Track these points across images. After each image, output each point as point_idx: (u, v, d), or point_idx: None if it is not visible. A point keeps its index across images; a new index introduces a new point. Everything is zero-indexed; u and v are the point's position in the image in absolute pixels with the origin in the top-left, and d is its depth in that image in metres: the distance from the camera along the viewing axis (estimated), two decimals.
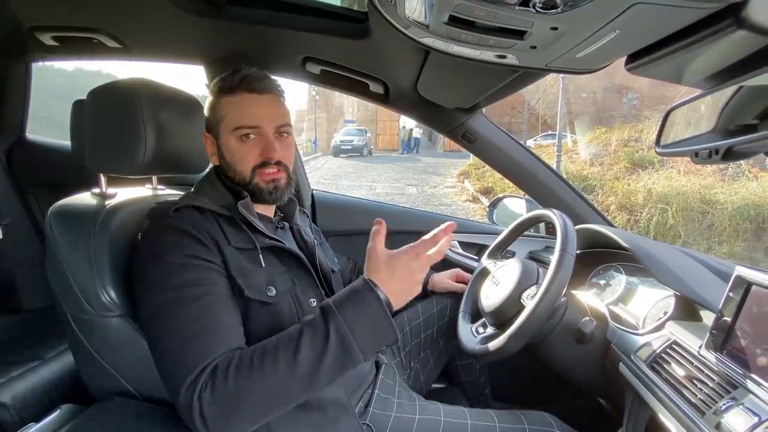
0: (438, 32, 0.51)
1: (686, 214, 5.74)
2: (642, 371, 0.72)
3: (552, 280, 0.78)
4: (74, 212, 0.78)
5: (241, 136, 0.76)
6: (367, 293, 0.64)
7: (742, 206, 5.41)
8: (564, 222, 0.86)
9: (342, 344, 0.60)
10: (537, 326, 0.78)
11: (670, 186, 6.20)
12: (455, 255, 1.41)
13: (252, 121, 0.76)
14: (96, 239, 0.73)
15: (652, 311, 0.87)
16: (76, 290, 0.71)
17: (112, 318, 0.72)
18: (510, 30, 0.46)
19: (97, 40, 1.07)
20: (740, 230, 5.36)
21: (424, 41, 0.56)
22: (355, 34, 0.87)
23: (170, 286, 0.64)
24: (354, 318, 0.62)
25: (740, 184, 5.85)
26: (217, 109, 0.78)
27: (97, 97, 0.80)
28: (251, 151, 0.77)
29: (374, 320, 0.63)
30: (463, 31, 0.48)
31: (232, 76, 0.77)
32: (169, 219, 0.70)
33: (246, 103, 0.76)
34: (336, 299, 0.65)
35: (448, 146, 18.64)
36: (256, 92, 0.76)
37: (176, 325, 0.62)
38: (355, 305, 0.63)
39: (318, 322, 0.62)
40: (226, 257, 0.70)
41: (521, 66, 0.58)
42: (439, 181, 10.37)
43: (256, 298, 0.71)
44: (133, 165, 0.79)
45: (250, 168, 0.77)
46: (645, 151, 7.92)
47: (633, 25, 0.40)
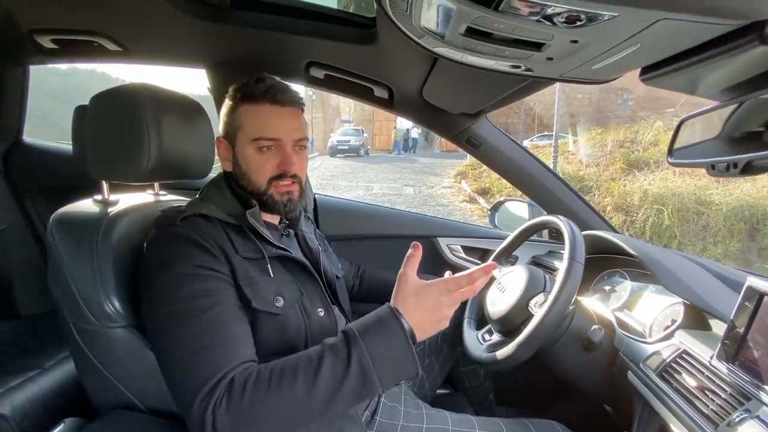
0: (453, 42, 0.50)
1: (682, 215, 5.78)
2: (652, 380, 0.71)
3: (561, 289, 0.77)
4: (76, 220, 0.76)
5: (260, 147, 0.75)
6: (391, 322, 0.62)
7: (736, 207, 5.45)
8: (572, 229, 0.86)
9: (362, 373, 0.59)
10: (546, 335, 0.77)
11: (665, 187, 6.24)
12: (458, 260, 1.40)
13: (273, 133, 0.75)
14: (99, 248, 0.72)
15: (659, 318, 0.87)
16: (79, 300, 0.70)
17: (116, 329, 0.71)
18: (528, 42, 0.45)
19: (97, 44, 1.05)
20: (735, 231, 5.40)
21: (438, 50, 0.55)
22: (362, 40, 0.87)
23: (179, 297, 0.63)
24: (376, 347, 0.60)
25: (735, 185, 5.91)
26: (237, 117, 0.77)
27: (99, 102, 0.79)
28: (268, 162, 0.76)
29: (397, 352, 0.61)
30: (479, 42, 0.47)
31: (256, 85, 0.76)
32: (176, 228, 0.69)
33: (268, 115, 0.75)
34: (361, 325, 0.63)
35: (444, 146, 18.66)
36: (278, 104, 0.76)
37: (186, 337, 0.61)
38: (379, 334, 0.61)
39: (340, 348, 0.61)
40: (234, 267, 0.69)
41: (535, 76, 0.57)
42: (436, 181, 10.37)
43: (264, 309, 0.70)
44: (137, 172, 0.78)
45: (266, 179, 0.77)
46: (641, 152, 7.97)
47: (655, 39, 0.40)
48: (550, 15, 0.37)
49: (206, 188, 0.81)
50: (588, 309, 0.91)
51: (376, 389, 0.60)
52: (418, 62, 0.85)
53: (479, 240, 1.41)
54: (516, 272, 0.96)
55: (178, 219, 0.70)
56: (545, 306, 0.78)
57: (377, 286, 1.23)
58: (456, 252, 1.41)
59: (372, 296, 1.23)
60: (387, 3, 0.50)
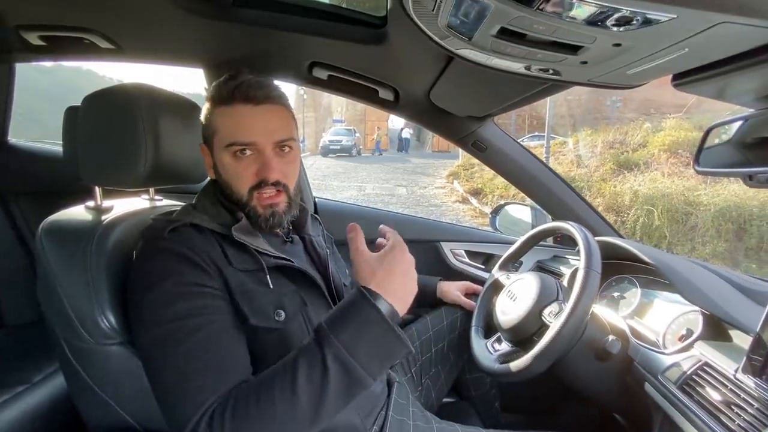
0: (480, 44, 0.47)
1: (671, 215, 5.87)
2: (672, 393, 0.69)
3: (578, 300, 0.75)
4: (68, 229, 0.72)
5: (234, 152, 0.68)
6: (363, 305, 0.56)
7: (724, 207, 5.55)
8: (586, 237, 0.84)
9: (344, 371, 0.54)
10: (564, 347, 0.75)
11: (655, 188, 6.33)
12: (462, 265, 1.38)
13: (246, 136, 0.67)
14: (93, 259, 0.67)
15: (673, 327, 0.86)
16: (71, 315, 0.66)
17: (112, 346, 0.66)
18: (565, 45, 0.42)
19: (88, 41, 1.00)
20: (722, 231, 5.50)
21: (461, 52, 0.52)
22: (370, 40, 0.83)
23: (167, 318, 0.58)
24: (353, 338, 0.55)
25: (722, 186, 6.01)
26: (211, 121, 0.71)
27: (92, 103, 0.74)
28: (246, 170, 0.69)
29: (378, 336, 0.56)
30: (510, 44, 0.44)
31: (225, 84, 0.69)
32: (163, 241, 0.64)
33: (240, 116, 0.68)
34: (330, 318, 0.57)
35: (436, 147, 18.68)
36: (251, 102, 0.68)
37: (176, 361, 0.56)
38: (352, 323, 0.56)
39: (312, 349, 0.55)
40: (228, 280, 0.64)
41: (561, 80, 0.55)
42: (429, 181, 10.37)
43: (263, 325, 0.65)
44: (133, 177, 0.73)
45: (246, 188, 0.70)
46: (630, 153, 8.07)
47: (706, 43, 0.37)
48: (599, 17, 0.34)
49: (199, 196, 0.76)
50: (601, 317, 0.89)
51: (365, 382, 0.55)
52: (429, 64, 0.82)
53: (483, 245, 1.38)
54: (526, 280, 0.94)
55: (166, 230, 0.64)
56: (562, 317, 0.76)
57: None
58: (459, 257, 1.38)
59: None
60: (410, 2, 0.47)
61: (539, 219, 1.47)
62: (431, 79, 0.89)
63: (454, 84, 0.87)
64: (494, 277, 1.11)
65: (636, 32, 0.36)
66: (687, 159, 7.10)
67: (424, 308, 1.25)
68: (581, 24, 0.36)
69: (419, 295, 1.17)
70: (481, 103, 0.96)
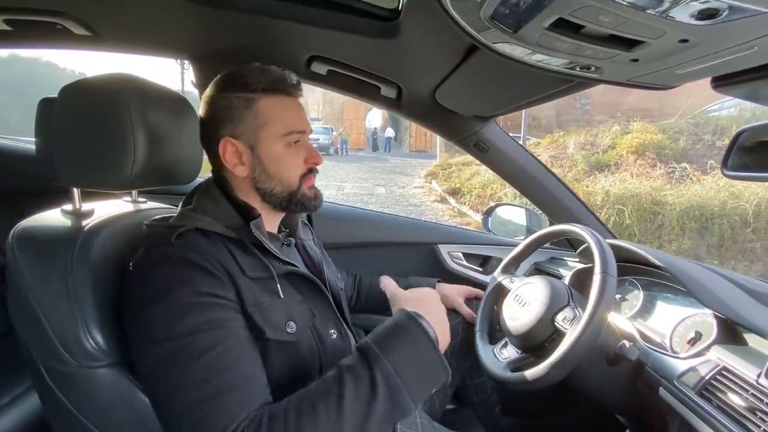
0: (526, 38, 0.44)
1: (640, 214, 6.11)
2: (690, 399, 0.69)
3: (596, 306, 0.73)
4: (44, 236, 0.63)
5: (290, 142, 0.70)
6: (414, 328, 0.56)
7: (688, 207, 5.82)
8: (599, 240, 0.82)
9: (391, 395, 0.52)
10: (582, 354, 0.73)
11: (625, 188, 6.57)
12: (459, 267, 1.35)
13: (301, 125, 0.71)
14: (75, 270, 0.59)
15: (679, 329, 0.86)
16: (50, 335, 0.58)
17: (98, 369, 0.59)
18: (623, 39, 0.39)
19: (60, 26, 0.89)
20: (686, 229, 5.77)
21: (498, 46, 0.49)
22: (379, 33, 0.78)
23: (179, 333, 0.52)
24: (402, 361, 0.53)
25: (685, 187, 6.32)
26: (260, 112, 0.68)
27: (72, 95, 0.66)
28: (297, 158, 0.71)
29: (425, 361, 0.55)
30: (562, 38, 0.41)
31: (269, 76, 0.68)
32: (171, 247, 0.58)
33: (292, 106, 0.71)
34: (378, 338, 0.56)
35: (414, 146, 18.77)
36: (293, 96, 0.71)
37: (191, 381, 0.51)
38: (401, 344, 0.55)
39: (361, 370, 0.53)
40: (241, 290, 0.60)
41: (598, 79, 0.52)
42: (407, 181, 10.38)
43: (277, 338, 0.61)
44: (119, 178, 0.65)
45: (298, 176, 0.71)
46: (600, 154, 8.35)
47: None
48: (685, 7, 0.31)
49: (198, 197, 0.69)
50: (610, 321, 0.89)
51: (408, 409, 0.53)
52: (441, 60, 0.78)
53: (481, 246, 1.36)
54: (534, 284, 0.92)
55: (172, 236, 0.59)
56: (580, 323, 0.74)
57: (376, 295, 1.16)
58: (457, 259, 1.36)
59: (371, 307, 1.17)
60: None
61: (534, 220, 1.46)
62: (440, 76, 0.86)
63: (465, 82, 0.83)
64: (497, 280, 1.09)
65: (713, 27, 0.33)
66: (653, 160, 7.41)
67: None
68: (657, 16, 0.33)
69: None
70: (490, 103, 0.94)
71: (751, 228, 5.38)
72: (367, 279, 1.17)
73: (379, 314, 1.26)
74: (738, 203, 5.57)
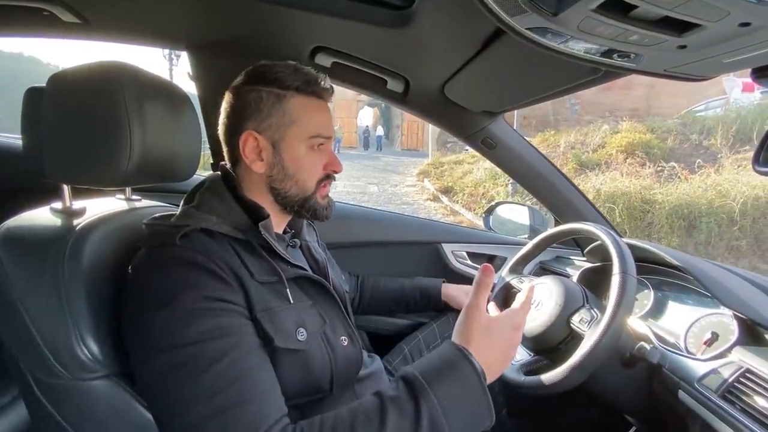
0: (566, 21, 0.40)
1: (630, 212, 6.19)
2: (713, 402, 0.67)
3: (617, 307, 0.71)
4: (32, 237, 0.58)
5: (314, 145, 0.67)
6: (463, 366, 0.52)
7: (676, 205, 5.91)
8: (615, 240, 0.80)
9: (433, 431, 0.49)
10: (603, 357, 0.71)
11: (615, 186, 6.65)
12: (464, 266, 1.33)
13: (329, 131, 0.69)
14: (67, 273, 0.55)
15: (694, 330, 0.84)
16: (40, 345, 0.53)
17: (93, 381, 0.54)
18: (676, 23, 0.36)
19: (48, 12, 0.83)
20: (675, 227, 5.86)
21: (531, 33, 0.45)
22: (390, 23, 0.74)
23: (186, 341, 0.49)
24: (448, 397, 0.50)
25: (674, 186, 6.41)
26: (289, 109, 0.65)
27: (61, 84, 0.61)
28: (318, 162, 0.69)
29: (471, 401, 0.52)
30: (607, 21, 0.38)
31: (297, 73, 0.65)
32: (175, 248, 0.54)
33: (323, 109, 0.68)
34: (426, 370, 0.53)
35: (405, 144, 18.74)
36: (325, 99, 0.69)
37: (200, 394, 0.47)
38: (449, 380, 0.51)
39: (405, 402, 0.50)
40: (250, 295, 0.56)
41: (634, 69, 0.49)
42: (400, 179, 10.36)
43: (287, 347, 0.57)
44: (114, 175, 0.61)
45: (315, 181, 0.68)
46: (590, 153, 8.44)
47: None
48: None
49: (202, 195, 0.65)
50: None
51: None
52: (454, 52, 0.75)
53: (485, 246, 1.34)
54: (547, 285, 0.89)
55: (176, 236, 0.55)
56: (600, 326, 0.71)
57: (379, 297, 1.13)
58: (461, 259, 1.33)
59: (373, 308, 1.14)
60: None
61: (537, 219, 1.44)
62: (451, 69, 0.82)
63: (478, 75, 0.80)
64: (505, 280, 1.06)
65: None
66: (642, 159, 7.50)
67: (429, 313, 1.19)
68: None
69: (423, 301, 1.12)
70: (502, 97, 0.90)
71: (737, 226, 5.48)
72: (370, 280, 1.14)
73: (382, 315, 1.23)
74: (725, 202, 5.68)
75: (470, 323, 0.56)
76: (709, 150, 7.36)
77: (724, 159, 6.61)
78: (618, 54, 0.45)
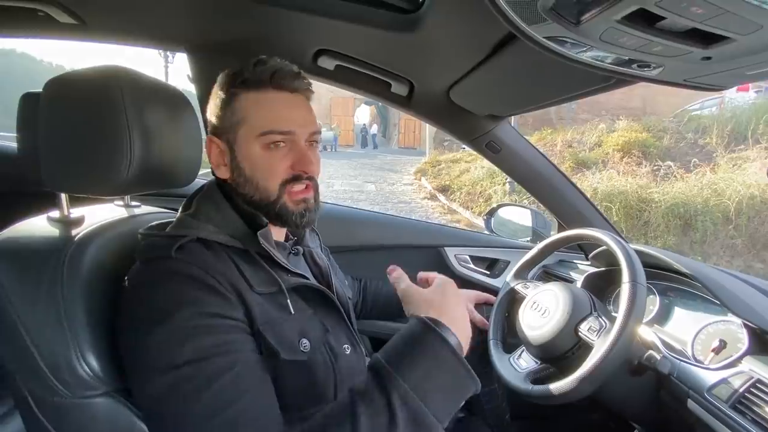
0: (588, 31, 0.39)
1: (626, 211, 6.22)
2: (723, 412, 0.66)
3: (628, 316, 0.70)
4: (29, 248, 0.57)
5: (269, 143, 0.61)
6: (429, 338, 0.50)
7: (672, 204, 5.95)
8: (624, 247, 0.79)
9: (413, 418, 0.46)
10: (613, 368, 0.70)
11: (612, 185, 6.68)
12: (467, 270, 1.32)
13: (285, 125, 0.61)
14: (66, 287, 0.53)
15: (701, 337, 0.84)
16: (39, 362, 0.51)
17: (95, 398, 0.52)
18: (703, 35, 0.35)
19: (43, 13, 0.81)
20: (671, 226, 5.89)
21: (549, 42, 0.44)
22: (397, 26, 0.73)
23: (183, 359, 0.47)
24: (422, 378, 0.47)
25: (670, 184, 6.45)
26: (237, 108, 0.61)
27: (59, 89, 0.59)
28: (280, 163, 0.62)
29: (448, 373, 0.49)
30: (631, 32, 0.37)
31: (259, 68, 0.60)
32: (171, 262, 0.52)
33: (277, 104, 0.61)
34: (391, 354, 0.50)
35: (402, 143, 18.71)
36: (288, 90, 0.62)
37: (200, 414, 0.46)
38: (420, 359, 0.48)
39: (375, 394, 0.47)
40: (251, 308, 0.54)
41: (652, 78, 0.48)
42: (397, 178, 10.34)
43: (292, 359, 0.56)
44: (114, 183, 0.59)
45: (277, 183, 0.62)
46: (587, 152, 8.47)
47: None
48: None
49: (198, 203, 0.63)
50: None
51: (435, 430, 0.48)
52: (463, 56, 0.73)
53: (489, 249, 1.33)
54: (554, 291, 0.88)
55: (172, 248, 0.53)
56: (610, 336, 0.70)
57: (382, 302, 1.11)
58: (464, 262, 1.32)
59: (376, 313, 1.12)
60: None
61: (539, 222, 1.43)
62: (458, 74, 0.81)
63: (486, 80, 0.79)
64: (509, 286, 1.05)
65: None
66: (639, 158, 7.53)
67: None
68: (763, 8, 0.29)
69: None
70: (510, 102, 0.89)
71: (732, 225, 5.52)
72: (373, 284, 1.13)
73: (385, 320, 1.21)
74: (720, 201, 5.71)
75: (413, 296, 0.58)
76: (705, 149, 7.41)
77: (719, 158, 6.65)
78: (638, 64, 0.44)
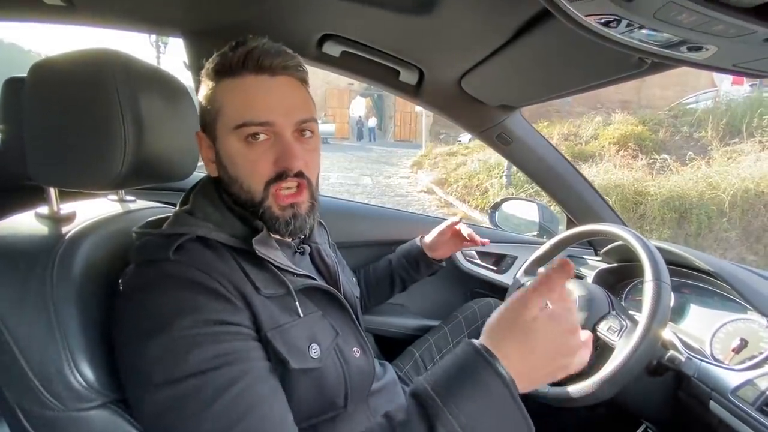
0: (641, 8, 0.35)
1: (623, 204, 6.23)
2: (750, 415, 0.64)
3: (653, 317, 0.67)
4: (16, 247, 0.52)
5: (246, 136, 0.54)
6: (485, 373, 0.43)
7: (668, 197, 5.97)
8: (646, 244, 0.76)
9: None
10: (637, 370, 0.67)
11: (609, 179, 6.68)
12: (473, 266, 1.28)
13: (260, 115, 0.54)
14: (57, 289, 0.49)
15: (720, 335, 0.81)
16: (27, 372, 0.47)
17: (90, 410, 0.48)
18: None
19: None
20: (667, 219, 5.92)
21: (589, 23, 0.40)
22: (409, 9, 0.68)
23: (186, 372, 0.43)
24: (470, 414, 0.41)
25: (665, 178, 6.46)
26: (213, 99, 0.56)
27: (45, 74, 0.54)
28: (262, 159, 0.55)
29: (499, 415, 0.42)
30: (693, 7, 0.33)
31: (233, 51, 0.54)
32: (169, 264, 0.48)
33: (252, 89, 0.54)
34: (439, 383, 0.43)
35: (398, 135, 18.59)
36: (266, 73, 0.54)
37: (206, 429, 0.42)
38: (470, 394, 0.42)
39: (417, 425, 0.41)
40: (257, 312, 0.50)
41: (699, 63, 0.44)
42: (393, 171, 10.28)
43: (302, 366, 0.52)
44: (108, 177, 0.54)
45: (262, 183, 0.56)
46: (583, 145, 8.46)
47: None
48: None
49: (195, 198, 0.58)
50: None
51: None
52: (479, 42, 0.69)
53: (497, 245, 1.29)
54: (570, 289, 0.85)
55: (169, 249, 0.48)
56: (634, 337, 0.68)
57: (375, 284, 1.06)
58: (471, 258, 1.29)
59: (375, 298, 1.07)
60: None
61: (546, 216, 1.40)
62: (472, 61, 0.76)
63: (502, 67, 0.74)
64: (520, 283, 1.02)
65: None
66: (635, 151, 7.54)
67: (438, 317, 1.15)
68: None
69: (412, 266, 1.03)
70: (525, 92, 0.85)
71: (726, 218, 5.55)
72: (369, 269, 1.08)
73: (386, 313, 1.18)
74: (715, 194, 5.74)
75: (508, 315, 0.46)
76: (700, 142, 7.43)
77: (714, 151, 6.67)
78: (688, 46, 0.40)
